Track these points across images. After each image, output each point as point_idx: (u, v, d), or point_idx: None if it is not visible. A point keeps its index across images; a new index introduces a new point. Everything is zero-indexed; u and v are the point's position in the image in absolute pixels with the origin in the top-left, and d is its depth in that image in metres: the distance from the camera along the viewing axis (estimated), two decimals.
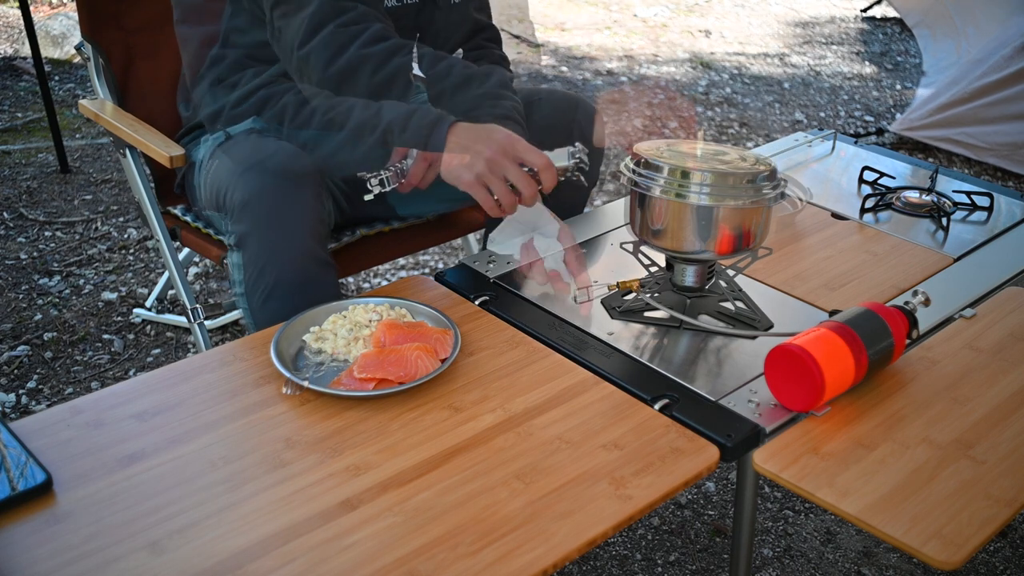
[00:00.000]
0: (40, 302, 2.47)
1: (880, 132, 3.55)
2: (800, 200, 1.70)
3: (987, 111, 3.30)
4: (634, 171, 1.35)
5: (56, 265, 2.64)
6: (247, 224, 1.41)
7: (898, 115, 3.90)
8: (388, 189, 1.51)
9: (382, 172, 1.51)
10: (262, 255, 1.41)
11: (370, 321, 1.32)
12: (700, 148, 1.42)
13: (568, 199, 1.76)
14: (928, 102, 3.46)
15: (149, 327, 2.38)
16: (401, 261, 2.69)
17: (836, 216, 1.73)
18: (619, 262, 1.55)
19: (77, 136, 3.48)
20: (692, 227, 1.30)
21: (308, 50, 1.32)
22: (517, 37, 4.66)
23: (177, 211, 1.87)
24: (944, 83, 3.56)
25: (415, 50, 1.33)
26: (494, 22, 1.79)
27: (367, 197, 1.50)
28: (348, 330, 1.30)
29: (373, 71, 1.29)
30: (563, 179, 1.43)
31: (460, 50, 1.76)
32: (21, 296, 2.49)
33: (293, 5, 1.35)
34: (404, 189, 1.55)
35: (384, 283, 2.61)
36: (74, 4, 2.08)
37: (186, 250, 2.18)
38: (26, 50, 4.12)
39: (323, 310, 1.34)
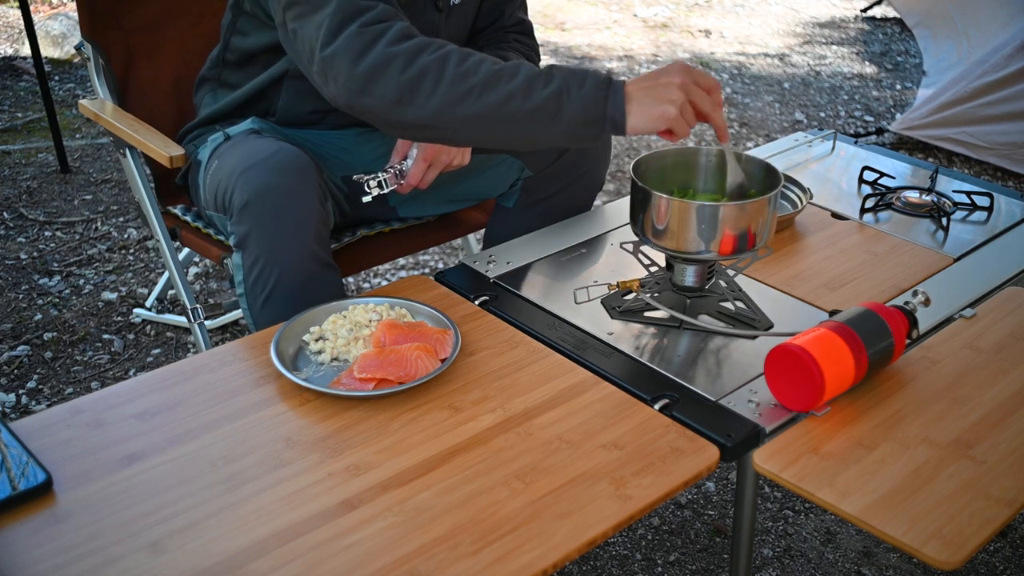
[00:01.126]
0: (40, 302, 2.47)
1: (880, 132, 3.55)
2: (800, 200, 1.70)
3: (987, 110, 3.29)
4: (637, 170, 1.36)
5: (56, 265, 2.64)
6: (248, 225, 1.41)
7: (898, 115, 3.90)
8: (387, 191, 1.50)
9: (380, 174, 1.50)
10: (263, 256, 1.41)
11: (370, 321, 1.33)
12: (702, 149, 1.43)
13: (575, 198, 1.76)
14: (928, 102, 3.46)
15: (149, 327, 2.38)
16: (401, 261, 2.69)
17: (836, 216, 1.72)
18: (619, 262, 1.55)
19: (77, 136, 3.49)
20: (694, 227, 1.30)
21: (333, 50, 1.29)
22: None
23: (177, 211, 1.87)
24: (945, 83, 3.56)
25: (444, 46, 1.31)
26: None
27: (365, 199, 1.49)
28: (348, 330, 1.30)
29: (401, 69, 1.27)
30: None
31: None
32: (21, 296, 2.49)
33: (309, 6, 1.33)
34: (404, 190, 1.54)
35: (384, 283, 2.61)
36: (74, 4, 2.08)
37: (186, 250, 2.18)
38: (26, 50, 4.12)
39: (323, 310, 1.34)
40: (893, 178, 1.86)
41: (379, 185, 1.48)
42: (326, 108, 1.62)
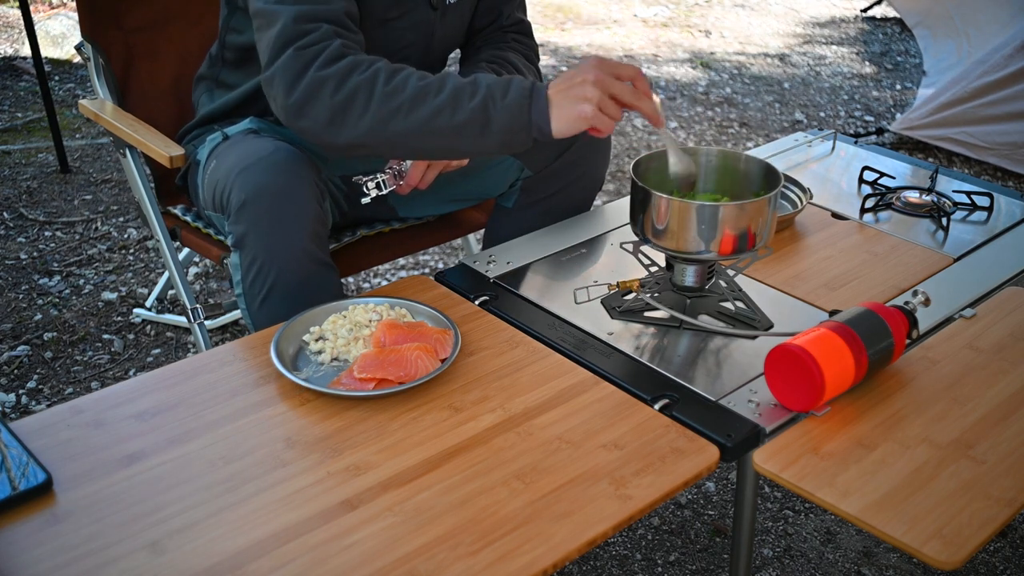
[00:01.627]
0: (40, 302, 2.47)
1: (880, 132, 3.55)
2: (800, 200, 1.70)
3: (987, 110, 3.29)
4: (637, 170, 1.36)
5: (56, 265, 2.64)
6: (245, 224, 1.41)
7: (898, 115, 3.90)
8: (385, 192, 1.50)
9: (378, 175, 1.50)
10: (260, 255, 1.41)
11: (370, 321, 1.32)
12: (703, 149, 1.43)
13: (575, 198, 1.76)
14: (928, 102, 3.46)
15: (149, 327, 2.38)
16: (401, 261, 2.69)
17: (836, 216, 1.72)
18: (619, 262, 1.55)
19: (77, 136, 3.49)
20: (694, 227, 1.30)
21: (272, 72, 1.34)
22: None
23: (177, 211, 1.87)
24: (945, 83, 3.56)
25: (373, 64, 1.33)
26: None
27: (364, 200, 1.49)
28: (348, 330, 1.30)
29: (333, 92, 1.30)
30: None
31: (458, 50, 1.76)
32: (21, 296, 2.49)
33: (265, 21, 1.36)
34: (403, 191, 1.55)
35: (384, 283, 2.61)
36: (74, 4, 2.08)
37: (186, 250, 2.18)
38: (26, 50, 4.12)
39: (323, 310, 1.34)
40: (893, 178, 1.86)
41: (378, 186, 1.49)
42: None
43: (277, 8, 1.35)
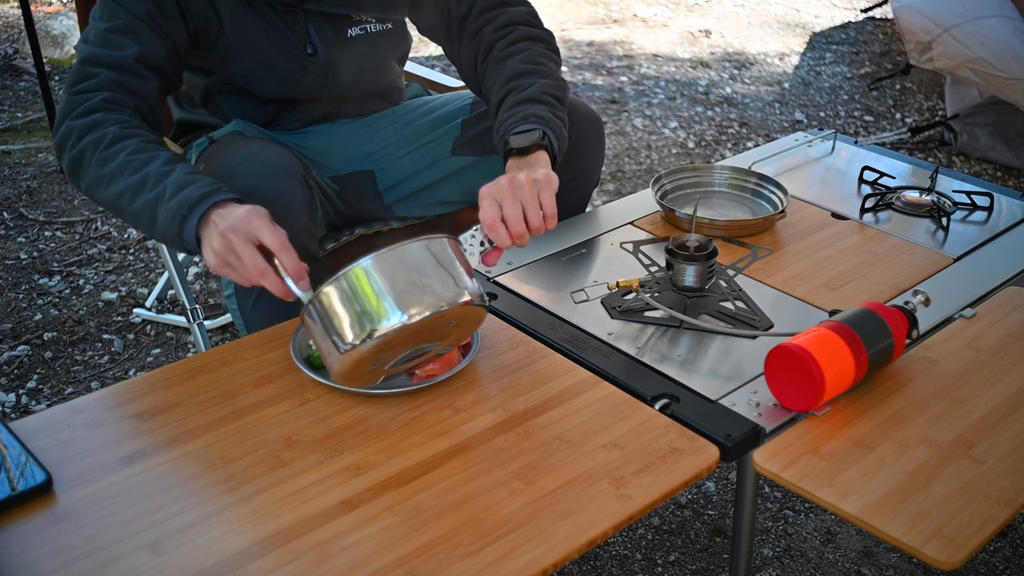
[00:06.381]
0: (40, 302, 2.47)
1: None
2: (781, 201, 1.69)
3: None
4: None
5: (56, 265, 2.64)
6: None
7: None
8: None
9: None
10: None
11: None
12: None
13: (571, 197, 1.75)
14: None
15: (149, 327, 2.38)
16: None
17: (836, 216, 1.72)
18: (618, 262, 1.55)
19: None
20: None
21: (59, 108, 1.37)
22: None
23: None
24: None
25: (109, 124, 1.33)
26: None
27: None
28: None
29: (71, 146, 1.33)
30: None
31: (401, 75, 1.77)
32: (21, 296, 2.49)
33: (79, 45, 1.41)
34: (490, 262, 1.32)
35: None
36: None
37: None
38: (26, 50, 4.12)
39: None
40: (893, 178, 1.86)
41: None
42: (274, 99, 1.62)
43: (81, 46, 1.40)
